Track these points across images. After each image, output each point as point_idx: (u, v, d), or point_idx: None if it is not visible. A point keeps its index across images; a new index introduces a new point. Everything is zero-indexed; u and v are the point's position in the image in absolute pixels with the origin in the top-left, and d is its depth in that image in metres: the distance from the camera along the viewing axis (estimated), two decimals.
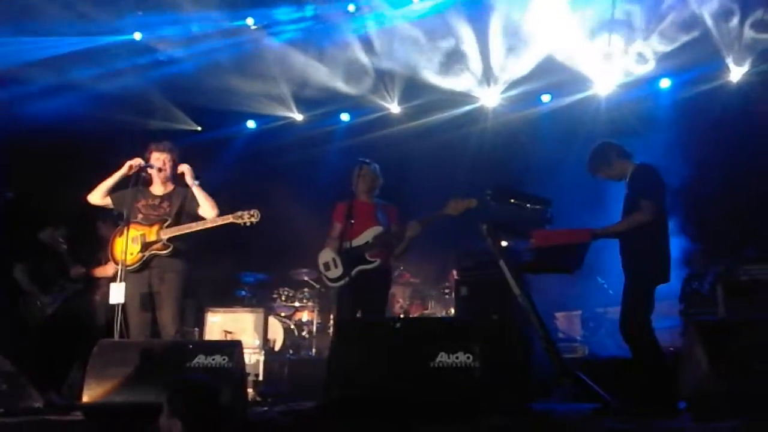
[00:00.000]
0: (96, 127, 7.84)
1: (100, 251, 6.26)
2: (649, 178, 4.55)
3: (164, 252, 4.96)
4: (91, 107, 7.79)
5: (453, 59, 8.09)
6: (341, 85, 8.46)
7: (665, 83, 8.09)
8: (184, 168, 5.18)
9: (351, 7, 7.83)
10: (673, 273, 4.55)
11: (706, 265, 6.57)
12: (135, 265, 4.97)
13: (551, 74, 8.07)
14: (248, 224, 4.94)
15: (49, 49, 7.48)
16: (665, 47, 7.46)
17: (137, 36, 7.97)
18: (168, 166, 5.17)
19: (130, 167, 5.07)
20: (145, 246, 4.99)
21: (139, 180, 5.09)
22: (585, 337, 7.41)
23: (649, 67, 7.79)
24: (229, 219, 4.96)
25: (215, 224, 5.00)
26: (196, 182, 5.14)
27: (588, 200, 6.20)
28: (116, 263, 4.93)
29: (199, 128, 9.22)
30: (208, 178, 5.38)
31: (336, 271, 5.53)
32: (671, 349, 5.30)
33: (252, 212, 4.94)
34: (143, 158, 5.13)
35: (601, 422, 3.99)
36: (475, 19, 7.69)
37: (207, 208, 5.08)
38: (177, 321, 5.00)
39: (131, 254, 4.98)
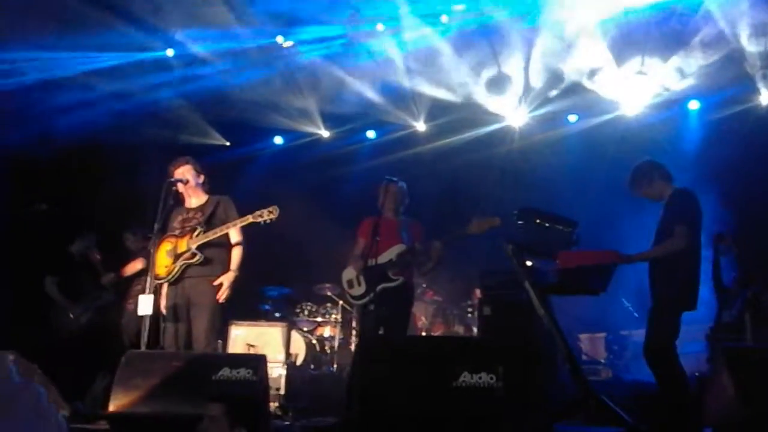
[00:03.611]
0: (126, 140, 7.98)
1: (127, 263, 6.35)
2: (686, 203, 4.53)
3: (193, 261, 4.93)
4: (121, 121, 7.93)
5: (478, 78, 8.12)
6: (368, 103, 8.53)
7: (694, 105, 8.04)
8: None
9: (380, 26, 7.91)
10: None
11: (737, 290, 6.46)
12: (170, 277, 4.97)
13: (578, 95, 8.07)
14: (268, 221, 4.79)
15: (83, 64, 7.63)
16: (693, 69, 7.43)
17: (170, 52, 8.13)
18: (191, 176, 5.18)
19: None
20: (176, 257, 4.99)
21: (176, 199, 5.13)
22: (609, 359, 7.32)
23: (676, 89, 7.75)
24: (248, 219, 4.85)
25: (236, 225, 4.95)
26: None
27: (614, 221, 6.16)
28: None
29: (228, 143, 9.35)
30: (236, 193, 5.39)
31: (359, 289, 5.56)
32: (696, 374, 5.21)
33: (271, 209, 4.79)
34: (167, 179, 5.09)
35: None
36: (501, 39, 7.72)
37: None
38: (209, 335, 4.89)
39: (165, 266, 5.01)
